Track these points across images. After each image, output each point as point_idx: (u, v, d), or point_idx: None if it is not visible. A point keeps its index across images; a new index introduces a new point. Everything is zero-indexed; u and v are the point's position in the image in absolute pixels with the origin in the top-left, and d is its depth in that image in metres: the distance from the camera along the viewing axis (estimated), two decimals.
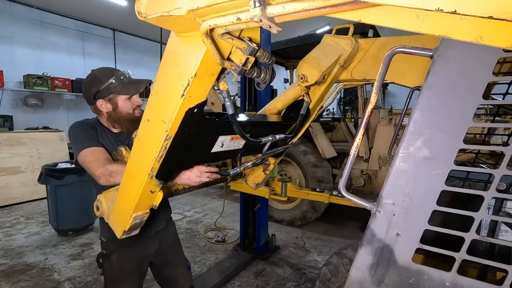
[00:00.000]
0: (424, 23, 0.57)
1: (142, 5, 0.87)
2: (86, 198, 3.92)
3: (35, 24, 6.56)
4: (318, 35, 4.78)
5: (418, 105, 0.74)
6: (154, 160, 1.10)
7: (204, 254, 3.57)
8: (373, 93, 0.81)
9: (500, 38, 0.51)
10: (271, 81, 1.18)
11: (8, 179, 5.30)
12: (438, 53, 0.73)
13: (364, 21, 0.64)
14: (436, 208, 0.70)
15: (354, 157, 0.85)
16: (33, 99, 6.37)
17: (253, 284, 2.98)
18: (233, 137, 1.40)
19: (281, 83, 5.49)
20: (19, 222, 4.53)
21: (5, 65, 5.98)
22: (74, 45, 7.30)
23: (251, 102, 3.44)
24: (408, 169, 0.74)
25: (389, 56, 0.78)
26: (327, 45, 1.57)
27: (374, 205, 0.79)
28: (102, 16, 7.25)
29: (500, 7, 0.46)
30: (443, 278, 0.69)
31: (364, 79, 1.62)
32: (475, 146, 0.98)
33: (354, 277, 0.82)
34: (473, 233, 0.66)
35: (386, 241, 0.76)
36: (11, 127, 5.73)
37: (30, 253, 3.54)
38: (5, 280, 2.97)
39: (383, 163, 3.94)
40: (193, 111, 1.05)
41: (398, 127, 1.47)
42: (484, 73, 0.66)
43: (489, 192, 0.65)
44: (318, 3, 0.62)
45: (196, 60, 0.93)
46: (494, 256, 1.10)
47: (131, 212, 1.23)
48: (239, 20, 0.73)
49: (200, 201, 5.70)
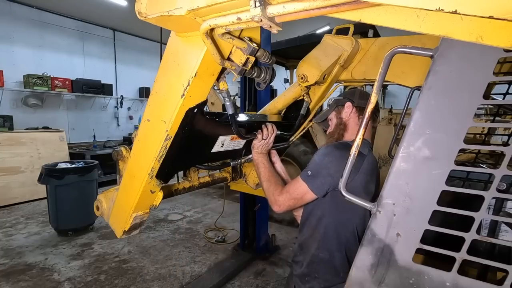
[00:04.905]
0: (424, 23, 0.57)
1: (142, 5, 0.87)
2: (86, 198, 3.92)
3: (35, 24, 6.56)
4: (318, 35, 4.78)
5: (419, 105, 0.74)
6: (154, 160, 1.10)
7: (204, 254, 3.57)
8: (373, 93, 0.81)
9: (500, 38, 0.51)
10: (271, 81, 1.18)
11: (8, 179, 5.30)
12: (438, 53, 0.73)
13: (365, 21, 0.64)
14: (436, 208, 0.70)
15: (354, 157, 0.85)
16: (33, 99, 6.37)
17: (253, 284, 2.98)
18: (233, 137, 1.40)
19: (281, 83, 5.49)
20: (19, 222, 4.53)
21: (5, 65, 5.98)
22: (74, 45, 7.30)
23: (251, 102, 3.44)
24: (409, 169, 0.74)
25: (389, 56, 0.78)
26: (327, 45, 1.57)
27: (374, 205, 0.79)
28: (102, 16, 7.25)
29: (500, 7, 0.46)
30: (443, 278, 0.68)
31: (364, 79, 1.62)
32: (475, 146, 0.98)
33: (354, 277, 0.82)
34: (474, 233, 0.66)
35: (386, 241, 0.76)
36: (11, 127, 5.73)
37: (30, 253, 3.54)
38: (5, 280, 2.97)
39: (383, 163, 3.94)
40: (193, 111, 1.05)
41: (398, 127, 1.47)
42: (485, 73, 0.66)
43: (489, 192, 0.65)
44: (318, 3, 0.62)
45: (197, 60, 0.93)
46: (495, 256, 1.10)
47: (131, 212, 1.23)
48: (240, 20, 0.73)
49: (200, 201, 5.70)
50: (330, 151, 1.17)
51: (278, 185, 1.25)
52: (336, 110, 1.35)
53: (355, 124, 1.29)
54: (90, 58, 7.63)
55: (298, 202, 1.18)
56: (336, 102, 1.35)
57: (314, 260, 1.21)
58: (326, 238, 1.19)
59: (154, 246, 3.74)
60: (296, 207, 1.21)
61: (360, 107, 1.29)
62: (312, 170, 1.15)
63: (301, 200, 1.17)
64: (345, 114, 1.31)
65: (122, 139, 8.17)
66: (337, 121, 1.34)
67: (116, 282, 2.93)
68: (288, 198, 1.18)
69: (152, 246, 3.75)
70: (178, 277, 3.03)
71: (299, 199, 1.17)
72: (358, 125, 1.27)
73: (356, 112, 1.30)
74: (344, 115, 1.32)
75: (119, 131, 8.44)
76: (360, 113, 1.30)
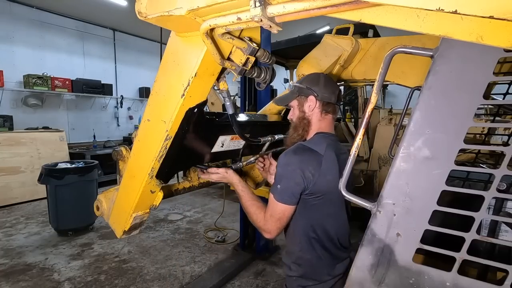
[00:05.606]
0: (424, 23, 0.57)
1: (142, 5, 0.87)
2: (86, 198, 3.92)
3: (35, 24, 6.56)
4: (318, 35, 4.77)
5: (419, 105, 0.74)
6: (154, 160, 1.10)
7: (204, 254, 3.57)
8: (373, 93, 0.81)
9: (500, 38, 0.51)
10: (271, 81, 1.18)
11: (8, 179, 5.30)
12: (438, 53, 0.73)
13: (365, 21, 0.64)
14: (436, 208, 0.70)
15: (354, 157, 0.85)
16: (33, 99, 6.36)
17: (253, 284, 2.98)
18: (233, 137, 1.40)
19: (281, 83, 5.49)
20: (19, 222, 4.53)
21: (5, 65, 5.97)
22: (74, 45, 7.30)
23: (251, 102, 3.44)
24: (409, 169, 0.74)
25: (390, 56, 0.78)
26: (327, 45, 1.58)
27: (374, 205, 0.79)
28: (102, 16, 7.24)
29: (500, 7, 0.46)
30: (443, 278, 0.69)
31: (364, 79, 1.62)
32: (475, 146, 0.98)
33: (354, 277, 0.82)
34: (474, 233, 0.66)
35: (386, 241, 0.76)
36: (11, 127, 5.72)
37: (30, 253, 3.54)
38: (5, 280, 2.97)
39: (383, 163, 3.94)
40: (193, 111, 1.05)
41: (398, 127, 1.47)
42: (485, 73, 0.66)
43: (489, 192, 0.65)
44: (319, 3, 0.62)
45: (197, 60, 0.93)
46: (495, 256, 1.10)
47: (131, 212, 1.23)
48: (240, 20, 0.73)
49: (200, 201, 5.70)
50: (289, 159, 1.14)
51: (260, 211, 1.20)
52: (298, 99, 1.27)
53: (318, 120, 1.25)
54: (90, 58, 7.63)
55: (284, 220, 1.15)
56: (299, 91, 1.26)
57: (298, 262, 1.21)
58: (304, 238, 1.18)
59: (154, 246, 3.74)
60: (285, 224, 1.17)
61: (324, 101, 1.23)
62: (280, 183, 1.13)
63: (285, 217, 1.15)
64: (308, 108, 1.24)
65: (122, 139, 8.17)
66: (299, 114, 1.27)
67: (116, 282, 2.93)
68: (273, 221, 1.15)
69: (152, 246, 3.75)
70: (178, 277, 3.03)
71: (283, 217, 1.14)
72: (320, 120, 1.25)
73: (320, 106, 1.24)
74: (307, 108, 1.24)
75: (119, 131, 8.44)
76: (324, 107, 1.24)
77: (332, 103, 1.25)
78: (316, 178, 1.11)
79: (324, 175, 1.12)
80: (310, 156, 1.14)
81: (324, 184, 1.12)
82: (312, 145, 1.17)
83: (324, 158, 1.13)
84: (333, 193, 1.13)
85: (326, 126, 1.27)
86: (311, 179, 1.10)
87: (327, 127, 1.26)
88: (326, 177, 1.12)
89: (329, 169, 1.13)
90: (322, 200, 1.14)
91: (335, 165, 1.15)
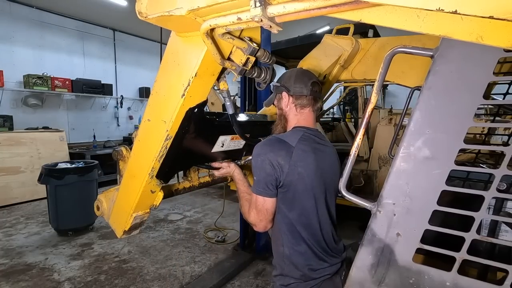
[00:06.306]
0: (424, 23, 0.57)
1: (142, 5, 0.87)
2: (86, 198, 3.92)
3: (35, 24, 6.55)
4: (318, 35, 4.77)
5: (419, 105, 0.74)
6: (155, 160, 1.10)
7: (204, 254, 3.57)
8: (373, 93, 0.81)
9: (500, 38, 0.51)
10: (271, 81, 1.19)
11: (8, 179, 5.29)
12: (438, 53, 0.73)
13: (365, 21, 0.64)
14: (436, 208, 0.70)
15: (354, 157, 0.85)
16: (33, 99, 6.36)
17: (253, 284, 2.98)
18: (233, 137, 1.40)
19: None
20: (19, 222, 4.53)
21: (5, 65, 5.97)
22: (74, 45, 7.29)
23: (251, 102, 3.45)
24: (409, 169, 0.74)
25: (390, 56, 0.78)
26: (327, 45, 1.58)
27: (375, 205, 0.79)
28: (102, 16, 7.24)
29: (500, 7, 0.46)
30: (443, 278, 0.69)
31: (364, 79, 1.63)
32: (475, 146, 0.98)
33: (354, 277, 0.82)
34: (474, 233, 0.66)
35: (386, 241, 0.76)
36: (11, 127, 5.72)
37: (30, 253, 3.54)
38: (5, 280, 2.96)
39: (383, 163, 3.94)
40: (193, 111, 1.05)
41: (398, 127, 1.47)
42: (485, 73, 0.66)
43: (489, 192, 0.65)
44: (319, 3, 0.62)
45: (197, 60, 0.93)
46: (495, 256, 1.10)
47: (132, 212, 1.23)
48: (240, 20, 0.73)
49: (200, 201, 5.70)
50: (260, 150, 1.13)
51: (248, 203, 1.21)
52: (277, 97, 1.28)
53: (294, 115, 1.24)
54: (90, 58, 7.63)
55: (264, 212, 1.13)
56: (275, 90, 1.27)
57: (279, 259, 1.19)
58: (283, 235, 1.17)
59: (154, 246, 3.74)
60: (270, 217, 1.16)
61: (296, 95, 1.21)
62: (255, 175, 1.13)
63: (265, 209, 1.13)
64: (284, 104, 1.25)
65: (122, 139, 8.16)
66: (278, 111, 1.29)
67: (116, 282, 2.93)
68: (255, 213, 1.14)
69: (152, 246, 3.75)
70: (178, 277, 3.03)
71: (263, 209, 1.13)
72: (297, 115, 1.23)
73: (293, 101, 1.23)
74: (283, 105, 1.25)
75: (119, 131, 8.43)
76: (298, 101, 1.22)
77: (305, 95, 1.21)
78: (287, 169, 1.09)
79: (295, 167, 1.09)
80: (280, 146, 1.12)
81: (296, 176, 1.10)
82: (284, 137, 1.16)
83: (295, 150, 1.11)
84: (307, 186, 1.12)
85: (304, 120, 1.24)
86: (281, 170, 1.09)
87: (305, 120, 1.24)
88: (297, 169, 1.10)
89: (300, 161, 1.11)
90: (296, 193, 1.12)
91: (309, 158, 1.13)
